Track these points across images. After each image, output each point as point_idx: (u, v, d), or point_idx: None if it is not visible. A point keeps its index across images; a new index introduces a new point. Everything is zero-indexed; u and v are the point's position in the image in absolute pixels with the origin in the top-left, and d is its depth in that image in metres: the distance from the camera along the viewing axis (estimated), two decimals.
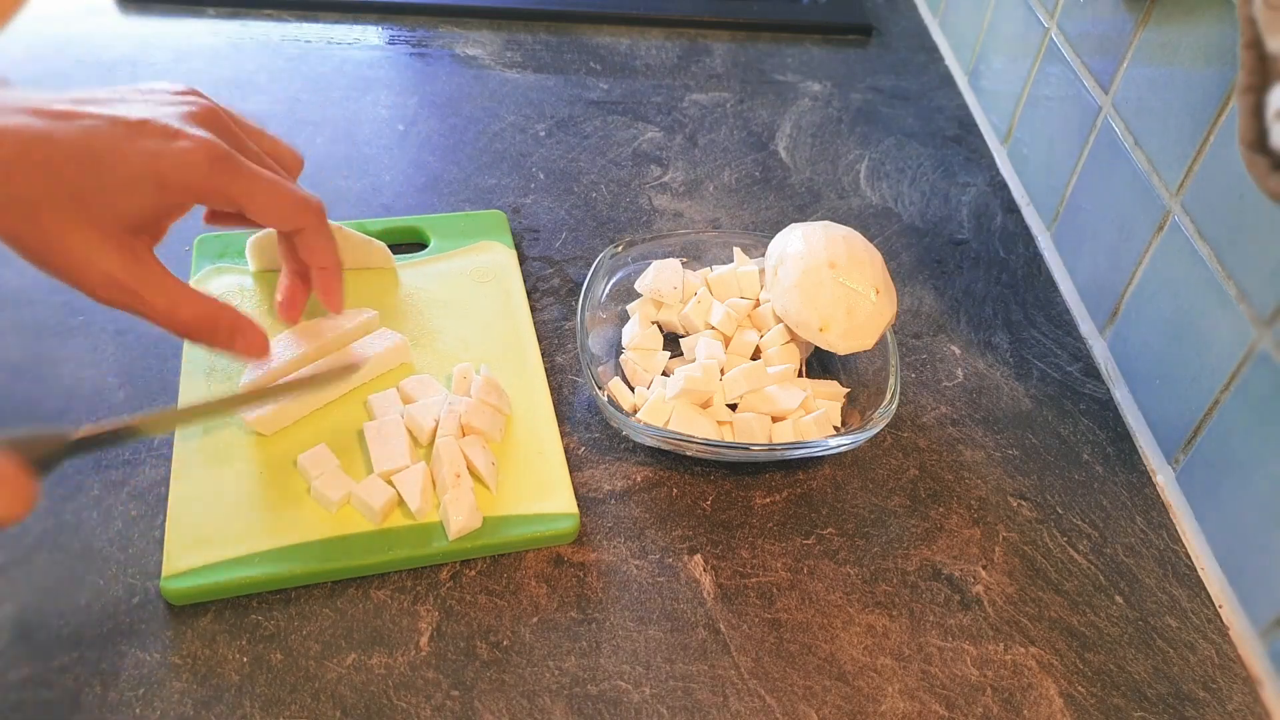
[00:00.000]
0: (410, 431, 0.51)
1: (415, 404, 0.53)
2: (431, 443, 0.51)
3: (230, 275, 0.60)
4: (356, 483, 0.49)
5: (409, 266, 0.62)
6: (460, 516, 0.48)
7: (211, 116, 0.47)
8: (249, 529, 0.47)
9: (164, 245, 0.63)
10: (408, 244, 0.65)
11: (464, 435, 0.51)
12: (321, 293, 0.53)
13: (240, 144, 0.48)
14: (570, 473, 0.52)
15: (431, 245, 0.64)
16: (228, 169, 0.46)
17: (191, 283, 0.59)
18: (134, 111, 0.45)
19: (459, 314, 0.59)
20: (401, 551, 0.48)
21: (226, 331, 0.48)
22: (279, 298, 0.54)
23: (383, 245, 0.61)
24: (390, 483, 0.49)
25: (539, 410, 0.55)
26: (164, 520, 0.48)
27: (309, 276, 0.54)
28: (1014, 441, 0.58)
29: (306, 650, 0.45)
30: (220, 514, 0.48)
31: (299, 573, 0.46)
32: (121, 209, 0.44)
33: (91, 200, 0.43)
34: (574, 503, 0.51)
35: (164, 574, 0.45)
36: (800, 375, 0.58)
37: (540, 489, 0.51)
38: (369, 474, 0.50)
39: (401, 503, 0.49)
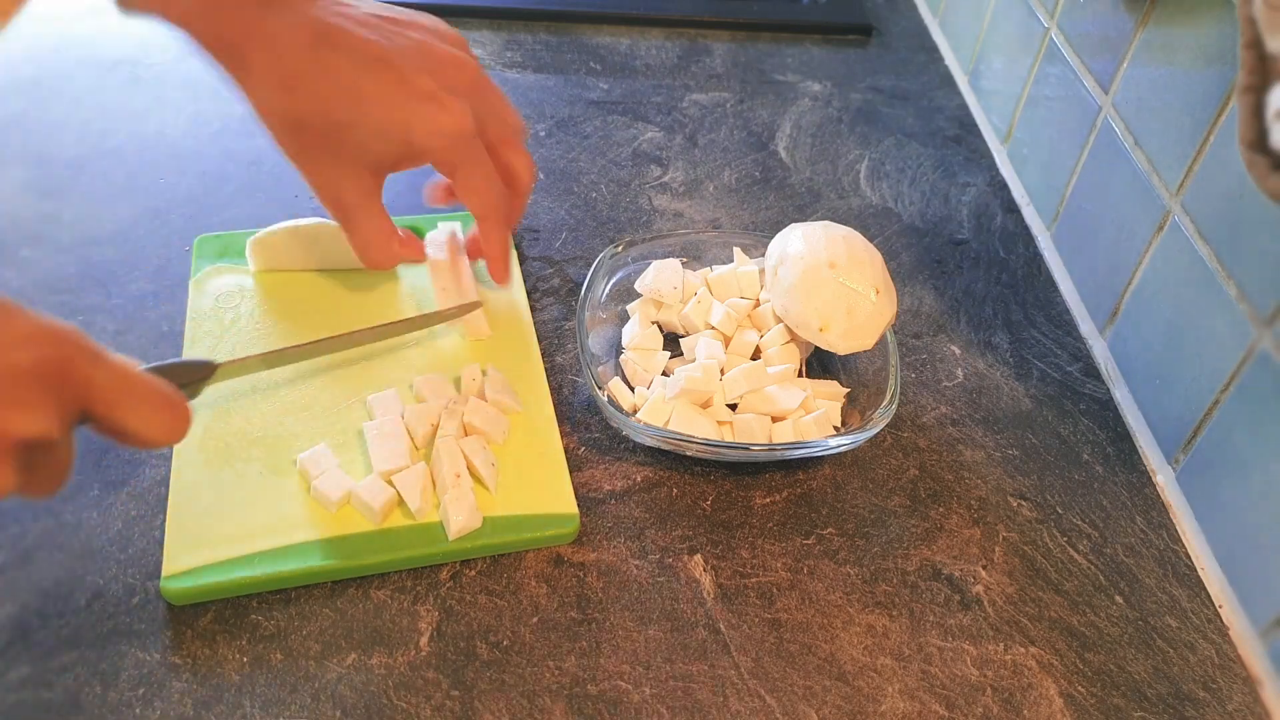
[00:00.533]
0: (409, 431, 0.52)
1: (416, 405, 0.53)
2: (431, 443, 0.51)
3: (230, 275, 0.60)
4: (356, 482, 0.49)
5: (409, 266, 0.62)
6: (460, 517, 0.48)
7: (474, 88, 0.52)
8: (249, 529, 0.47)
9: (165, 243, 0.63)
10: None
11: (465, 435, 0.52)
12: (493, 274, 0.58)
13: (484, 124, 0.53)
14: (570, 473, 0.52)
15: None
16: (463, 149, 0.51)
17: (191, 283, 0.59)
18: (409, 62, 0.50)
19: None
20: (401, 551, 0.48)
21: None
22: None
23: None
24: (390, 483, 0.49)
25: (539, 410, 0.55)
26: (164, 520, 0.48)
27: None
28: (1014, 441, 0.58)
29: (306, 650, 0.45)
30: (220, 514, 0.48)
31: (299, 572, 0.46)
32: (368, 150, 0.50)
33: (348, 136, 0.49)
34: (574, 503, 0.51)
35: (164, 574, 0.45)
36: (800, 375, 0.58)
37: (540, 489, 0.51)
38: (369, 474, 0.50)
39: (401, 503, 0.49)
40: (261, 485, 0.49)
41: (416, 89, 0.49)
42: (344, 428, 0.52)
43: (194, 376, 0.46)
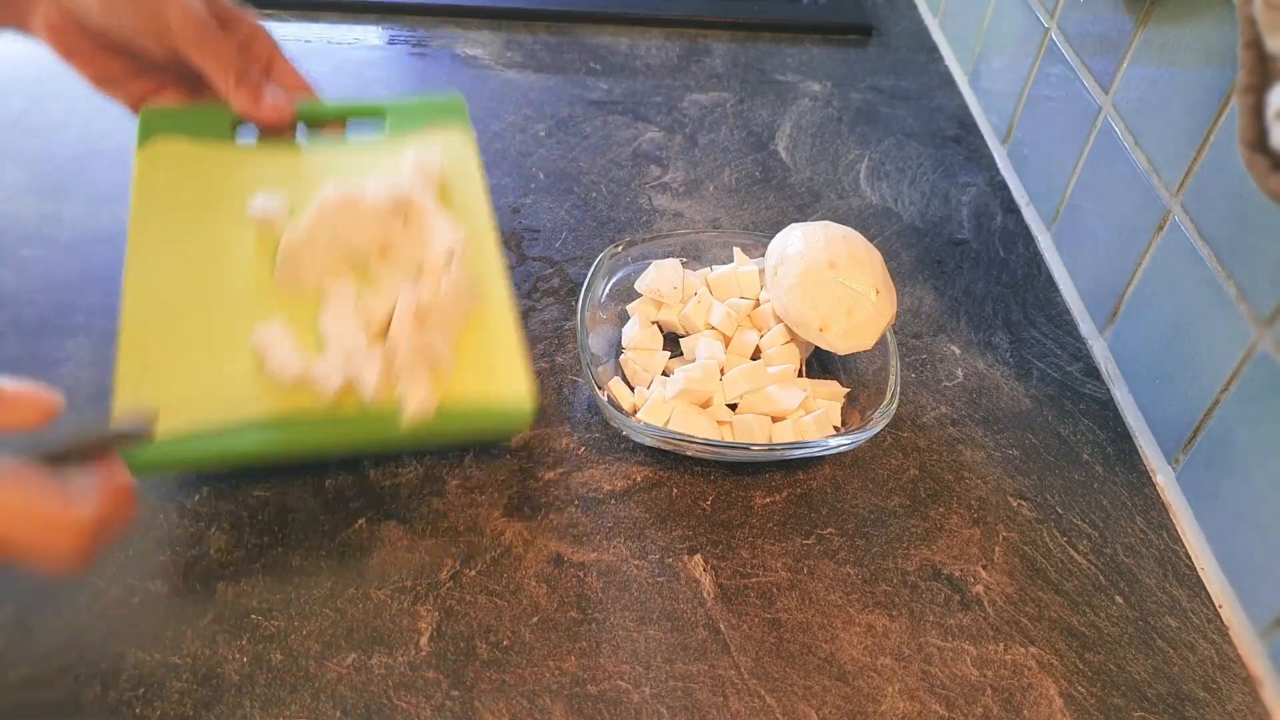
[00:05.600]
0: (366, 315, 0.50)
1: (373, 289, 0.51)
2: (386, 330, 0.50)
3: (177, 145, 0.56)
4: (311, 363, 0.47)
5: (366, 150, 0.59)
6: (414, 403, 0.47)
7: None
8: (202, 403, 0.46)
9: None
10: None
11: (422, 322, 0.50)
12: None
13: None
14: (570, 473, 0.52)
15: (389, 125, 0.61)
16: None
17: (137, 155, 0.56)
18: None
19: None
20: (353, 436, 0.46)
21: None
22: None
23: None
24: (345, 367, 0.48)
25: (495, 299, 0.53)
26: (163, 520, 0.48)
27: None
28: (1014, 441, 0.58)
29: (306, 650, 0.45)
30: (172, 385, 0.46)
31: (251, 452, 0.45)
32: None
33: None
34: (528, 391, 0.49)
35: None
36: (800, 375, 0.58)
37: (495, 379, 0.49)
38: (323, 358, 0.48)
39: (356, 388, 0.48)
40: (214, 360, 0.48)
41: None
42: (300, 307, 0.50)
43: (123, 442, 0.40)
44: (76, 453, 0.37)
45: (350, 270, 0.52)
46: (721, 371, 0.55)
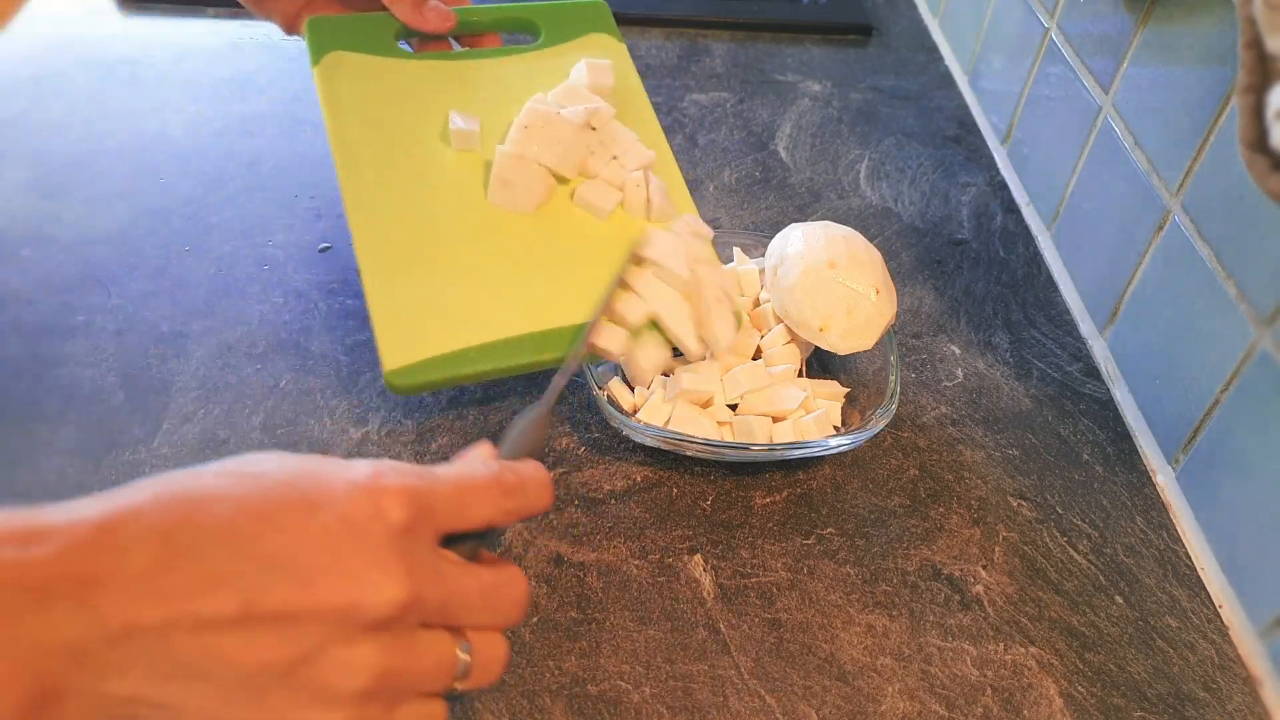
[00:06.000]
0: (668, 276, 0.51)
1: (658, 248, 0.52)
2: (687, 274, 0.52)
3: (354, 54, 0.56)
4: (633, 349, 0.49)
5: (531, 61, 0.59)
6: (729, 334, 0.51)
7: None
8: (463, 323, 0.47)
9: (165, 244, 0.63)
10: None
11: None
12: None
13: None
14: (570, 472, 0.52)
15: (544, 35, 0.60)
16: None
17: (316, 71, 0.56)
18: None
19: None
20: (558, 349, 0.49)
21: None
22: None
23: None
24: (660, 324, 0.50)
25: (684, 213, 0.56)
26: None
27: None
28: (1014, 441, 0.58)
29: None
30: (428, 311, 0.47)
31: (526, 362, 0.47)
32: None
33: None
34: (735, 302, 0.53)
35: (386, 368, 0.45)
36: (800, 375, 0.58)
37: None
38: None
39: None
40: (460, 281, 0.49)
41: None
42: (513, 226, 0.52)
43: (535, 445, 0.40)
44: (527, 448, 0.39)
45: (554, 188, 0.53)
46: (722, 371, 0.55)
